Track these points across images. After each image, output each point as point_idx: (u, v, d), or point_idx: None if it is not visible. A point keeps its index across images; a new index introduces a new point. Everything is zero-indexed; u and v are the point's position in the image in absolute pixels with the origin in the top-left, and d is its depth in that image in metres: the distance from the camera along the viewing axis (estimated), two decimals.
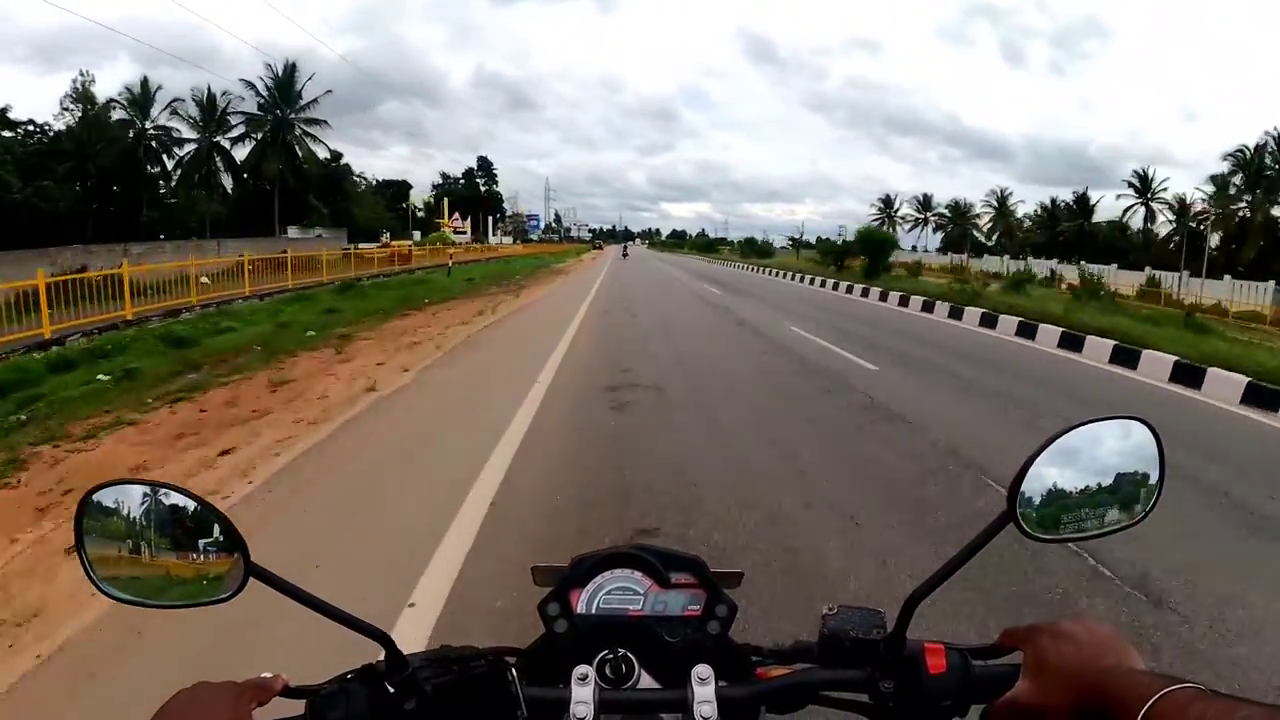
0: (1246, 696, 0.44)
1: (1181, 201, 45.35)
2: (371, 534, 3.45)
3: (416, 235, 52.29)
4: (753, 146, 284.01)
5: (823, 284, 25.76)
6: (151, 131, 37.18)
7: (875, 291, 20.30)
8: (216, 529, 0.58)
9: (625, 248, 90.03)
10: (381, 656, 0.61)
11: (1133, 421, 0.65)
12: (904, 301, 17.80)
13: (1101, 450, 0.64)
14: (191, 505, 0.58)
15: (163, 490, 0.58)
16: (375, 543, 3.35)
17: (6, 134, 30.75)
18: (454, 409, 6.25)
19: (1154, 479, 0.64)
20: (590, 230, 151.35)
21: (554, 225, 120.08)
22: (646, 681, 0.68)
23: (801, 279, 29.15)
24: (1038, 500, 0.62)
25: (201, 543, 0.58)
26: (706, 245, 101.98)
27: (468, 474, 4.16)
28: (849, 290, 22.36)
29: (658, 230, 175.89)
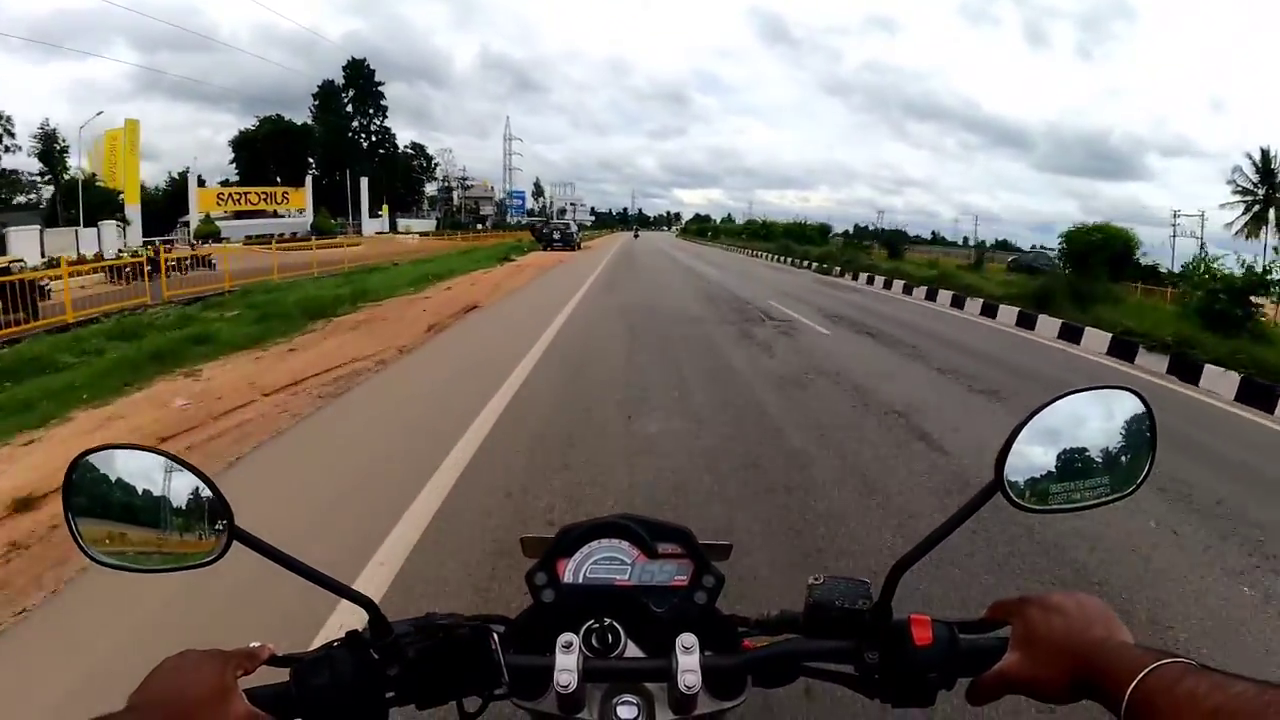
0: (1237, 673, 0.44)
1: None
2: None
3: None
4: (766, 131, 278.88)
5: None
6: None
7: None
8: (202, 494, 0.58)
9: (636, 231, 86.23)
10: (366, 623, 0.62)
11: (1123, 391, 0.64)
12: None
13: (1090, 420, 0.63)
14: (178, 470, 0.58)
15: (151, 455, 0.58)
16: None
17: None
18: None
19: (1145, 449, 0.63)
20: (594, 213, 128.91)
21: (536, 211, 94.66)
22: (633, 651, 0.68)
23: None
24: (1025, 470, 0.62)
25: (187, 507, 0.58)
26: (756, 233, 54.36)
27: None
28: None
29: (677, 215, 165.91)
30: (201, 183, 50.48)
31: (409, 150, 71.19)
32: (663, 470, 3.94)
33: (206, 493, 0.58)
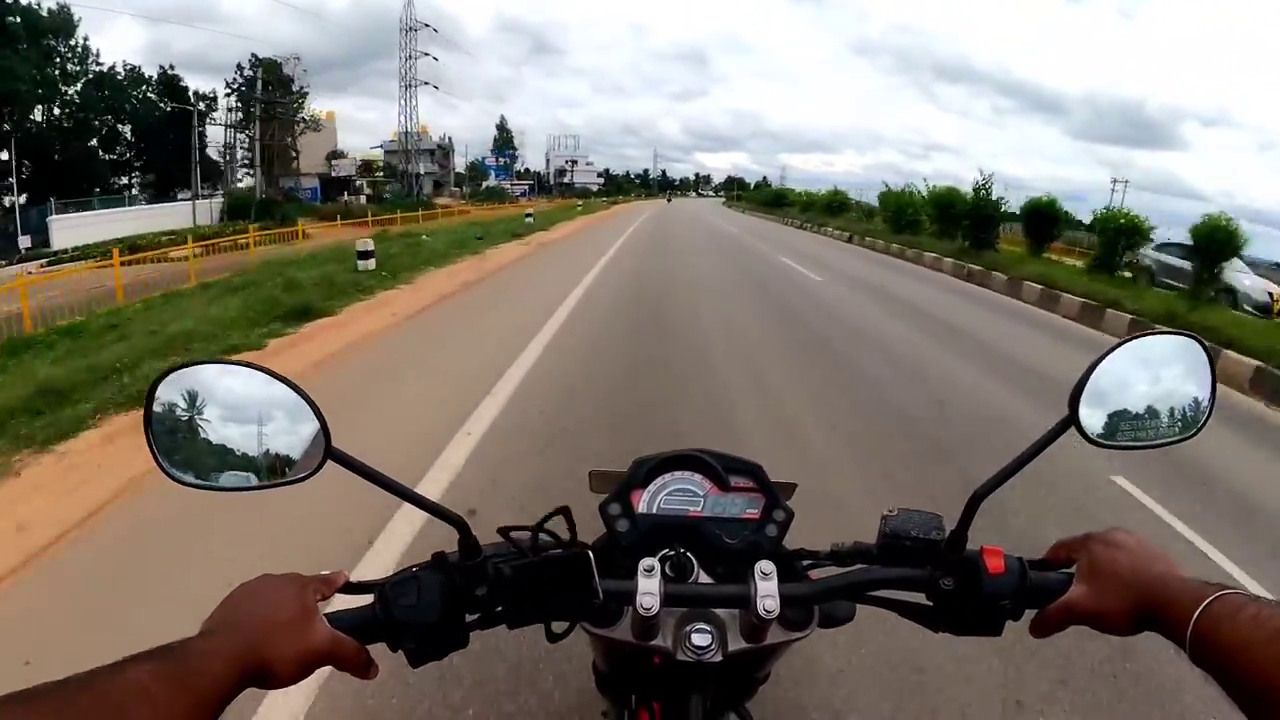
0: None
1: None
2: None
3: None
4: (790, 94, 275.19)
5: None
6: None
7: None
8: (299, 408, 0.57)
9: (669, 196, 77.61)
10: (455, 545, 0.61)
11: (1184, 337, 0.67)
12: None
13: (1154, 363, 0.67)
14: (273, 384, 0.57)
15: (241, 369, 0.57)
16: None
17: None
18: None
19: (1205, 394, 0.66)
20: (606, 176, 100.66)
21: (523, 173, 74.77)
22: (705, 581, 0.69)
23: None
24: (1097, 407, 0.65)
25: (281, 424, 0.57)
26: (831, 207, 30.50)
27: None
28: None
29: (706, 178, 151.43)
30: None
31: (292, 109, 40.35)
32: None
33: (303, 407, 0.57)
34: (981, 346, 6.77)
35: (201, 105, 38.11)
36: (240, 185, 40.21)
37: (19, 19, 29.53)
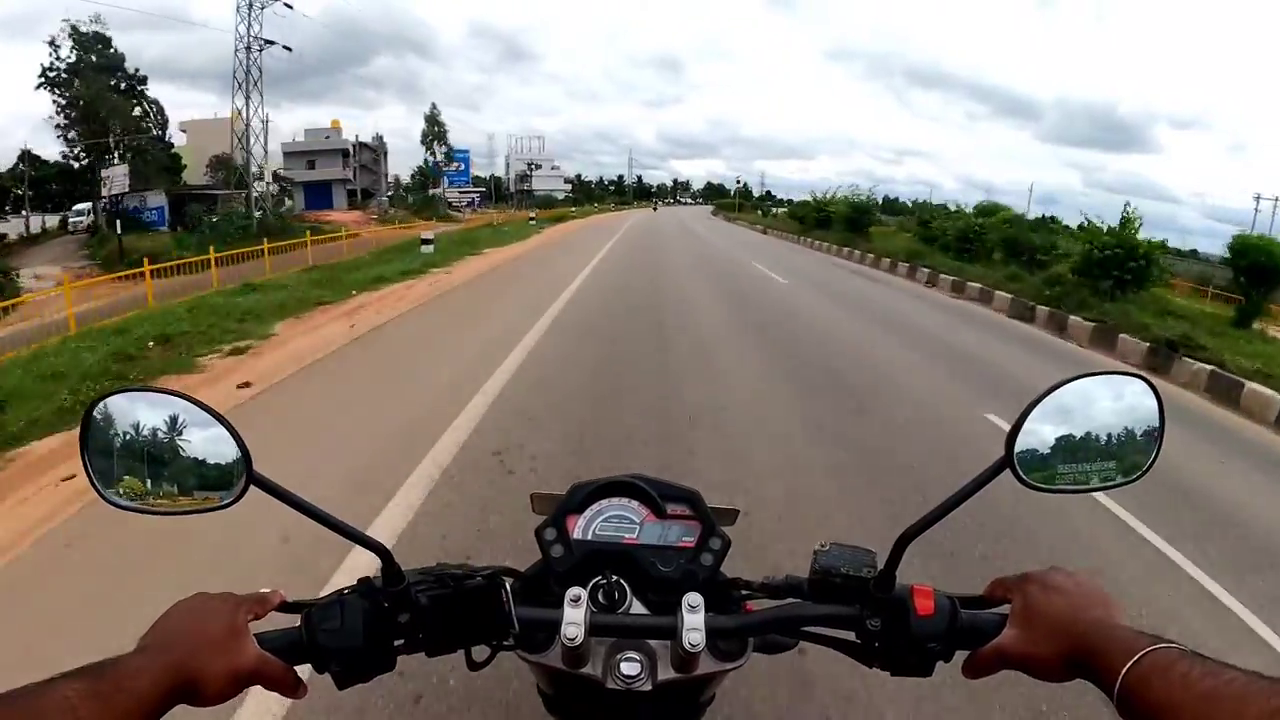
0: (1228, 662, 0.45)
1: None
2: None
3: None
4: (765, 101, 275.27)
5: None
6: None
7: None
8: (220, 436, 0.58)
9: (655, 205, 73.64)
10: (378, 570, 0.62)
11: (1132, 378, 0.65)
12: None
13: (1100, 404, 0.64)
14: (197, 413, 0.58)
15: (168, 398, 0.58)
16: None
17: None
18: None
19: (1152, 434, 0.65)
20: (575, 182, 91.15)
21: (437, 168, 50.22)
22: (638, 609, 0.69)
23: None
24: (1035, 450, 0.63)
25: (205, 451, 0.58)
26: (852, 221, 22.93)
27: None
28: None
29: (685, 183, 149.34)
30: None
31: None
32: None
33: (225, 436, 0.58)
34: None
35: None
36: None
37: None
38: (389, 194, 50.24)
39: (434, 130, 48.88)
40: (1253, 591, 2.97)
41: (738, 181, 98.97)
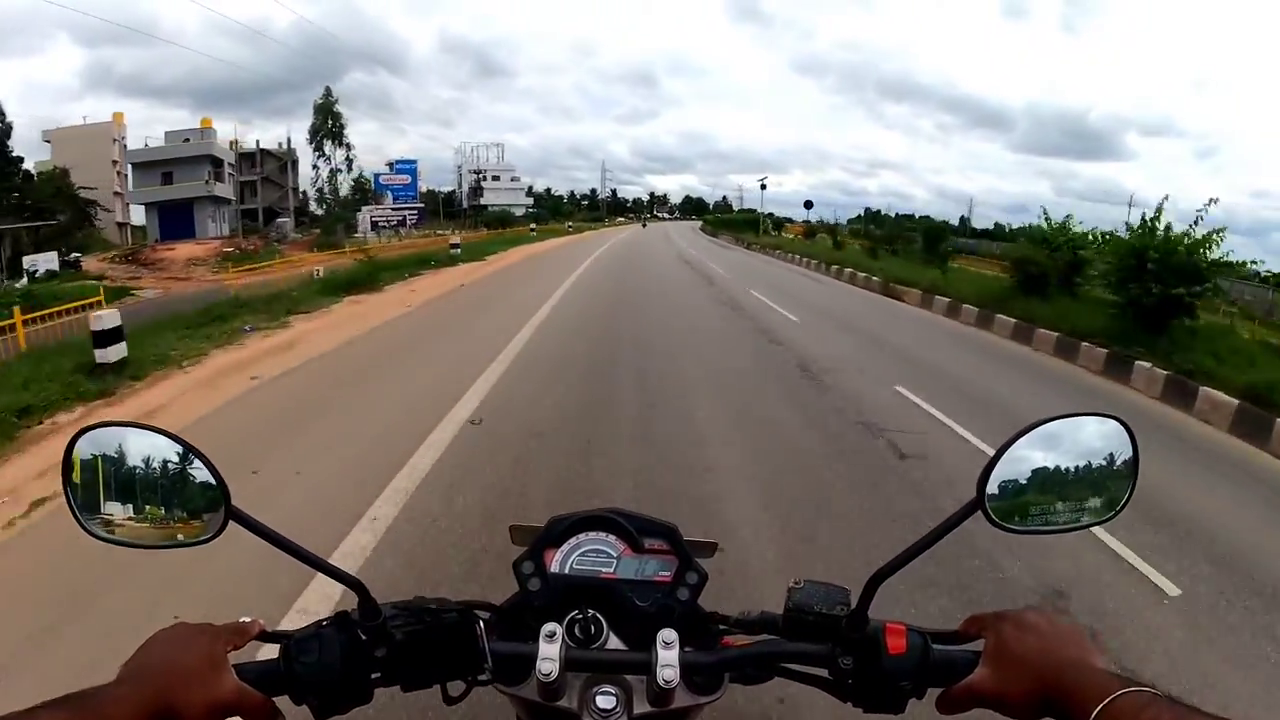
0: (1200, 707, 0.45)
1: None
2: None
3: None
4: (738, 114, 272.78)
5: None
6: None
7: None
8: (200, 472, 0.59)
9: (644, 221, 70.33)
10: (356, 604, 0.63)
11: (1106, 418, 0.65)
12: None
13: (1074, 445, 0.65)
14: (176, 449, 0.59)
15: (149, 433, 0.59)
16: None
17: None
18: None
19: (1126, 475, 0.65)
20: (540, 195, 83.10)
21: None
22: (614, 643, 0.70)
23: None
24: (1008, 491, 0.63)
25: (185, 485, 0.59)
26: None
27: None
28: None
29: (663, 197, 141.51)
30: None
31: None
32: None
33: (205, 472, 0.59)
34: None
35: None
36: None
37: None
38: (298, 214, 38.67)
39: (326, 125, 36.25)
40: None
41: (721, 201, 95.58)
